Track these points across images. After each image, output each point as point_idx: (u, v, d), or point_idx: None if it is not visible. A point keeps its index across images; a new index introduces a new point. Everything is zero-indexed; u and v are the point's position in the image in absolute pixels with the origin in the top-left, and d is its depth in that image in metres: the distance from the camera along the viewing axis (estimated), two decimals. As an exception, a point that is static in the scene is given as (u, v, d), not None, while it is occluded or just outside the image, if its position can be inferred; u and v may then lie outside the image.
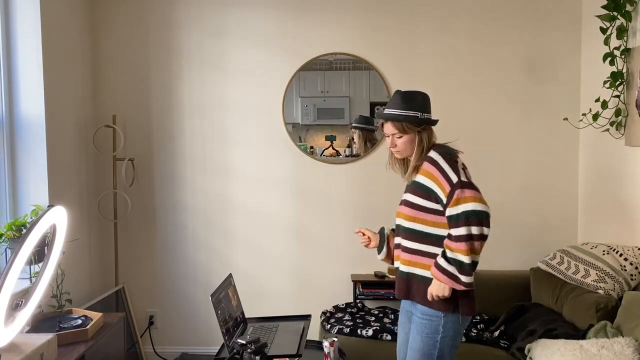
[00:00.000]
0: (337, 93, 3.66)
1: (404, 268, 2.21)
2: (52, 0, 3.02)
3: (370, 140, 3.66)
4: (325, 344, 2.35)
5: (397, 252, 2.26)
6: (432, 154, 2.14)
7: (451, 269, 2.02)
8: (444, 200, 2.06)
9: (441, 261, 2.05)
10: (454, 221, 2.01)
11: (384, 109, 2.24)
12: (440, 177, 2.08)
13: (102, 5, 3.62)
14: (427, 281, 2.11)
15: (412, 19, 3.60)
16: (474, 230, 1.98)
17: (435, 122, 2.21)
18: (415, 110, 2.16)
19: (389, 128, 2.20)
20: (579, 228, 3.64)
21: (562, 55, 3.59)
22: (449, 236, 2.04)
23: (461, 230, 1.99)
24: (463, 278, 2.02)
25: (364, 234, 2.40)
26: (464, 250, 1.99)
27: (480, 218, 1.99)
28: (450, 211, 2.02)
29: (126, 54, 3.65)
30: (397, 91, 2.22)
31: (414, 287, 2.17)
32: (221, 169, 3.69)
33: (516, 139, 3.63)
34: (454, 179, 2.04)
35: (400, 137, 2.18)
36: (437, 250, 2.09)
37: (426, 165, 2.15)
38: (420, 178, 2.17)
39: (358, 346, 3.00)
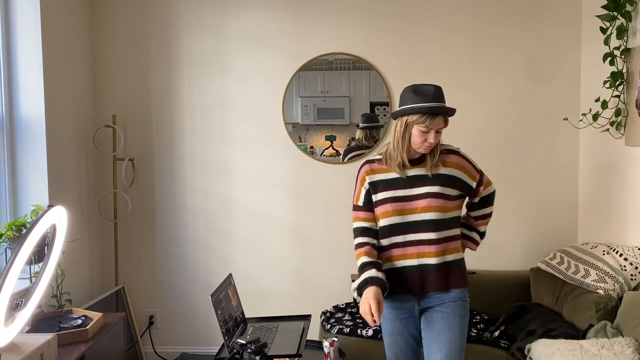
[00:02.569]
0: (337, 93, 3.66)
1: (436, 260, 2.18)
2: (52, 0, 3.02)
3: (373, 137, 3.66)
4: (325, 344, 2.35)
5: (415, 249, 2.20)
6: (454, 148, 2.29)
7: (480, 241, 2.40)
8: (473, 185, 2.26)
9: (478, 238, 2.38)
10: (487, 201, 2.32)
11: (431, 104, 2.14)
12: (471, 167, 2.27)
13: (102, 5, 3.62)
14: (461, 263, 2.25)
15: (412, 18, 3.60)
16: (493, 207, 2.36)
17: None
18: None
19: (440, 123, 2.16)
20: (579, 228, 3.64)
21: (562, 55, 3.59)
22: (484, 215, 2.34)
23: (491, 209, 2.35)
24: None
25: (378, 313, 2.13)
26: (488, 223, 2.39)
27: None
28: (484, 192, 2.29)
29: (126, 53, 3.65)
30: (433, 86, 2.18)
31: (452, 274, 2.21)
32: (221, 169, 3.69)
33: (516, 139, 3.63)
34: (477, 166, 2.30)
35: (442, 131, 2.19)
36: (451, 233, 2.23)
37: (456, 159, 2.24)
38: (451, 171, 2.22)
39: (358, 346, 3.00)
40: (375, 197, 2.26)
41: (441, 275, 2.19)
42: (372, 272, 2.15)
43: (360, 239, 2.29)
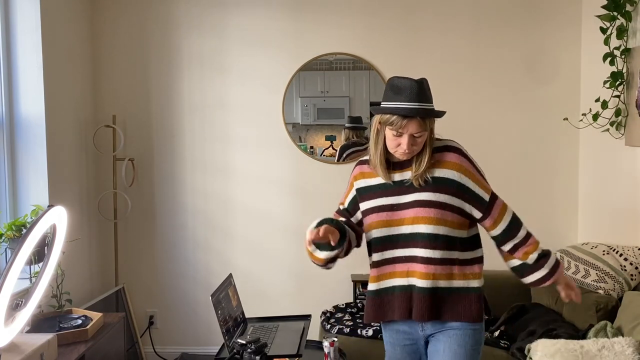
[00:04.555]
0: (337, 93, 3.66)
1: (424, 283, 1.82)
2: (52, 1, 3.02)
3: (359, 137, 3.67)
4: (325, 344, 2.35)
5: (405, 267, 1.87)
6: (452, 143, 1.89)
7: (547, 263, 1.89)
8: (486, 198, 1.86)
9: (543, 268, 1.89)
10: (514, 228, 1.90)
11: (401, 105, 1.80)
12: (478, 175, 1.87)
13: (102, 5, 3.61)
14: (456, 292, 1.84)
15: (412, 18, 3.60)
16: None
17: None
18: (431, 103, 1.84)
19: (414, 126, 1.79)
20: (579, 228, 3.64)
21: (562, 55, 3.58)
22: (527, 236, 1.91)
23: (523, 231, 1.93)
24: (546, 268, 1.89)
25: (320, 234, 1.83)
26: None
27: None
28: (502, 222, 1.89)
29: (126, 53, 3.65)
30: (411, 80, 1.84)
31: (451, 303, 1.84)
32: (221, 169, 3.69)
33: (516, 139, 3.63)
34: (485, 177, 1.90)
35: (421, 135, 1.81)
36: (460, 256, 1.85)
37: (456, 158, 1.85)
38: (447, 173, 1.84)
39: (358, 346, 3.00)
40: (362, 206, 1.95)
41: (430, 301, 1.83)
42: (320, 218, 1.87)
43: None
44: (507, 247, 1.91)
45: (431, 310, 1.83)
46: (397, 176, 1.89)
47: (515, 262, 1.92)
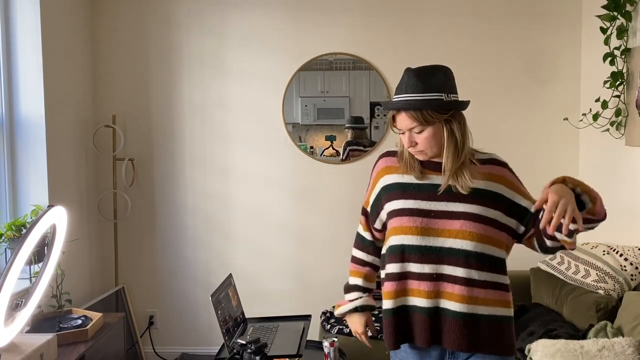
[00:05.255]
0: (337, 93, 3.66)
1: (460, 307, 1.60)
2: (52, 1, 3.02)
3: (359, 137, 3.67)
4: (325, 344, 2.35)
5: (432, 286, 1.64)
6: (495, 156, 1.76)
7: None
8: (525, 204, 1.70)
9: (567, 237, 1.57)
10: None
11: (394, 101, 1.66)
12: (520, 185, 1.74)
13: (102, 5, 3.61)
14: (498, 321, 1.63)
15: (412, 18, 3.60)
16: None
17: (466, 104, 1.74)
18: (437, 92, 1.62)
19: (404, 121, 1.63)
20: (579, 228, 3.63)
21: (562, 55, 3.59)
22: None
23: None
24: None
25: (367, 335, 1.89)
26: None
27: None
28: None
29: (126, 54, 3.65)
30: (409, 69, 1.66)
31: (481, 332, 1.61)
32: (221, 169, 3.69)
33: (516, 139, 3.63)
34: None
35: (421, 131, 1.63)
36: (500, 279, 1.66)
37: (497, 170, 1.69)
38: (494, 187, 1.66)
39: (358, 346, 2.98)
40: (388, 206, 1.72)
41: (465, 330, 1.61)
42: (361, 301, 1.83)
43: (361, 254, 1.88)
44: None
45: (469, 339, 1.60)
46: (435, 178, 1.67)
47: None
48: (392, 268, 1.68)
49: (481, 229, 1.62)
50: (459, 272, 1.61)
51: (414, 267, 1.64)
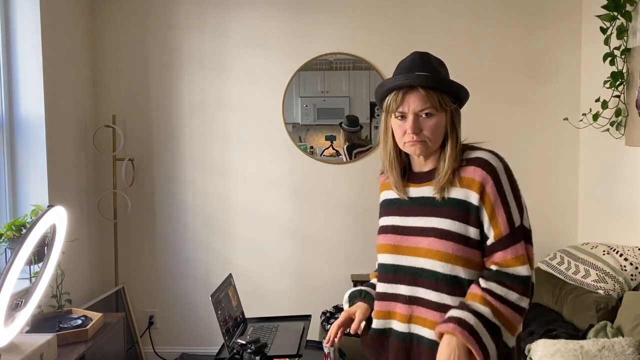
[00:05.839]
0: (337, 93, 3.66)
1: (434, 336, 1.41)
2: (52, 1, 3.02)
3: (351, 140, 3.66)
4: (325, 344, 2.35)
5: (408, 309, 1.48)
6: (484, 154, 1.47)
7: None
8: (490, 238, 1.42)
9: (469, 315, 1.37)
10: (504, 280, 1.40)
11: (404, 75, 1.43)
12: (498, 202, 1.41)
13: (102, 5, 3.61)
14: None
15: (412, 18, 3.60)
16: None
17: (466, 100, 1.58)
18: (447, 77, 1.49)
19: (415, 102, 1.42)
20: (579, 228, 3.64)
21: (562, 55, 3.59)
22: (497, 296, 1.38)
23: (513, 295, 1.41)
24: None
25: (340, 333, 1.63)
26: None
27: (528, 286, 1.41)
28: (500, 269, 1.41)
29: (126, 54, 3.65)
30: (417, 53, 1.51)
31: None
32: (221, 169, 3.69)
33: (516, 139, 3.62)
34: (516, 219, 1.43)
35: (431, 116, 1.43)
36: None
37: (474, 172, 1.43)
38: (463, 193, 1.42)
39: (358, 346, 2.98)
40: (379, 223, 1.61)
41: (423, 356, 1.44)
42: (367, 288, 1.66)
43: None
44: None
45: None
46: (414, 191, 1.51)
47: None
48: (378, 287, 1.57)
49: (450, 248, 1.40)
50: (431, 295, 1.43)
51: (392, 288, 1.51)
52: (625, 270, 2.85)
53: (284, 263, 3.71)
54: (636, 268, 2.85)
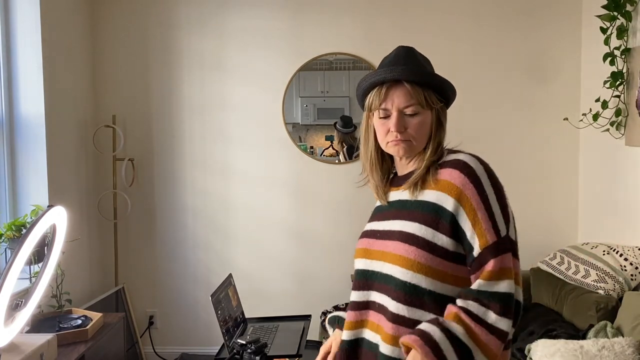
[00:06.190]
0: (337, 93, 3.66)
1: (387, 350, 1.29)
2: (52, 1, 3.02)
3: (346, 141, 3.66)
4: (325, 344, 2.35)
5: (377, 317, 1.35)
6: (464, 157, 1.33)
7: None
8: (476, 248, 1.25)
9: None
10: (485, 297, 1.23)
11: (389, 69, 1.37)
12: (481, 207, 1.26)
13: (102, 5, 3.61)
14: None
15: (413, 19, 3.60)
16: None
17: (454, 95, 1.45)
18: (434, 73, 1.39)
19: (399, 97, 1.34)
20: (579, 228, 3.64)
21: (562, 55, 3.59)
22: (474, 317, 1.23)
23: (492, 317, 1.23)
24: None
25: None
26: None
27: (510, 306, 1.24)
28: (482, 283, 1.24)
29: (126, 53, 3.65)
30: (402, 47, 1.47)
31: None
32: (221, 169, 3.69)
33: (516, 139, 3.63)
34: (502, 228, 1.26)
35: (415, 114, 1.34)
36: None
37: (451, 174, 1.30)
38: (436, 196, 1.30)
39: None
40: None
41: None
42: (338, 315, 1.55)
43: None
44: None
45: None
46: (393, 195, 1.42)
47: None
48: (350, 297, 1.46)
49: (413, 253, 1.27)
50: (390, 304, 1.30)
51: (362, 296, 1.40)
52: (625, 270, 2.85)
53: (284, 263, 3.71)
54: (636, 268, 2.85)
